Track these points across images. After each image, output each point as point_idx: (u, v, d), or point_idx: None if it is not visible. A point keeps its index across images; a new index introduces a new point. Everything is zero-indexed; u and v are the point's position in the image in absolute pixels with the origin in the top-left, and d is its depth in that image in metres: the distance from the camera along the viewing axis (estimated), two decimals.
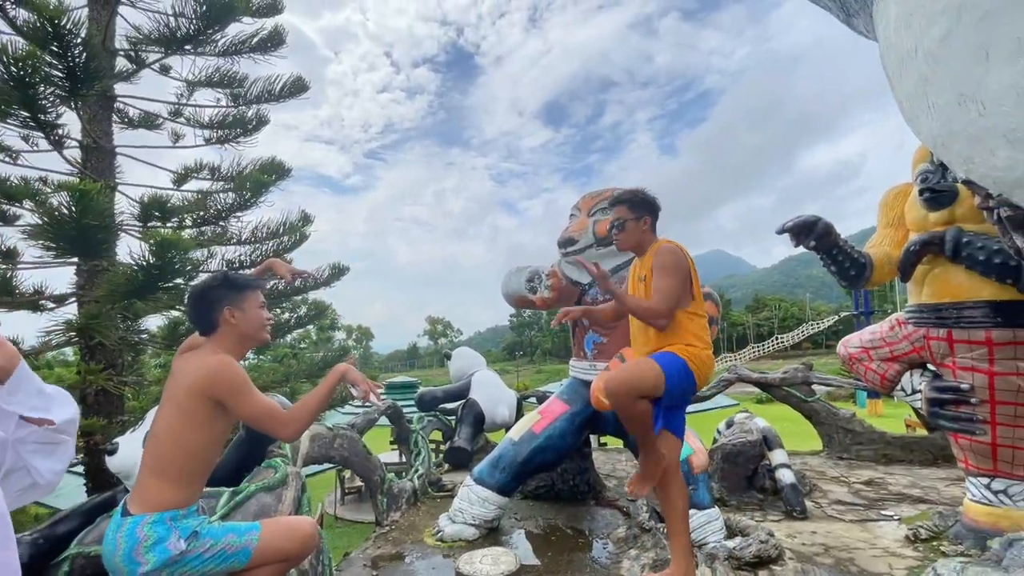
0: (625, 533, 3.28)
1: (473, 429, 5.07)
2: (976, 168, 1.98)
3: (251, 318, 1.76)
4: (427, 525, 3.53)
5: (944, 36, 1.89)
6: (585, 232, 3.64)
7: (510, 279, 4.02)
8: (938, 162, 3.07)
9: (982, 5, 1.73)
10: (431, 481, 4.27)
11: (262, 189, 3.87)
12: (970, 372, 2.94)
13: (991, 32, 1.73)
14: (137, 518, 1.54)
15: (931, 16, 1.93)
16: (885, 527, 3.32)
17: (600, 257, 3.64)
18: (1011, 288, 2.82)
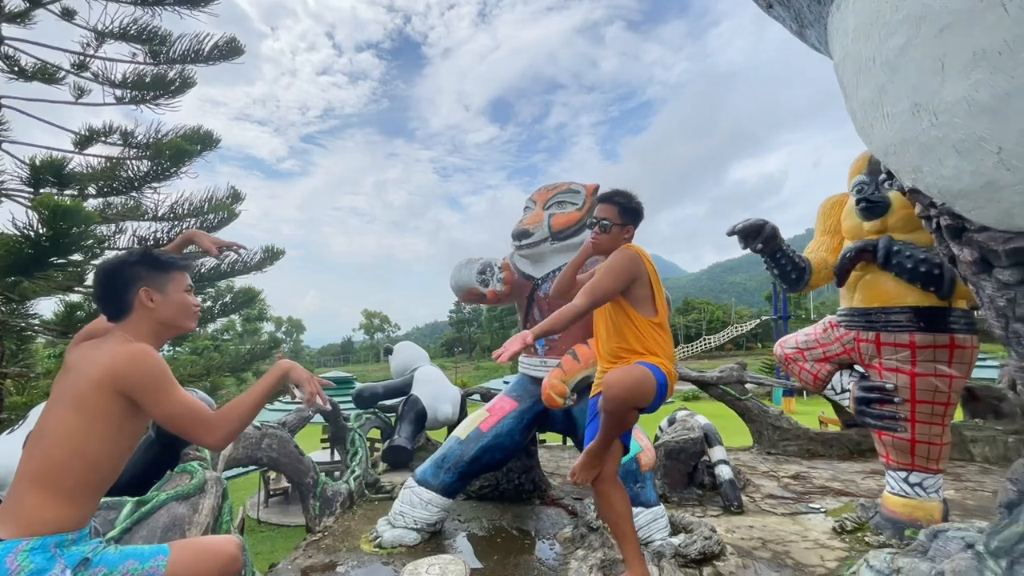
0: (572, 533, 3.22)
1: (414, 427, 4.85)
2: (924, 177, 2.06)
3: (174, 302, 1.51)
4: (364, 531, 3.30)
5: (903, 46, 1.94)
6: (540, 225, 3.54)
7: (460, 271, 3.86)
8: (885, 170, 3.23)
9: (941, 17, 1.78)
10: (368, 483, 4.03)
11: (184, 159, 3.40)
12: (894, 373, 3.13)
13: (948, 44, 1.78)
14: (8, 544, 1.21)
15: (891, 26, 1.98)
16: (813, 519, 3.48)
17: (555, 252, 3.56)
18: (932, 296, 3.02)
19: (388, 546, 3.03)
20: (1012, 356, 2.10)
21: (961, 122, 1.80)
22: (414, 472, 3.38)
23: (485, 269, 3.62)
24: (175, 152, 3.37)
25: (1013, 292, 1.92)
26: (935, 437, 3.06)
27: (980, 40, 1.69)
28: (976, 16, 1.69)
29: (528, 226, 3.54)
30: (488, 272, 3.60)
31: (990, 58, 1.68)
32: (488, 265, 3.63)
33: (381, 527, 3.19)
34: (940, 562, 2.10)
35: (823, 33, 2.77)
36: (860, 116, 2.30)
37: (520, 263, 3.75)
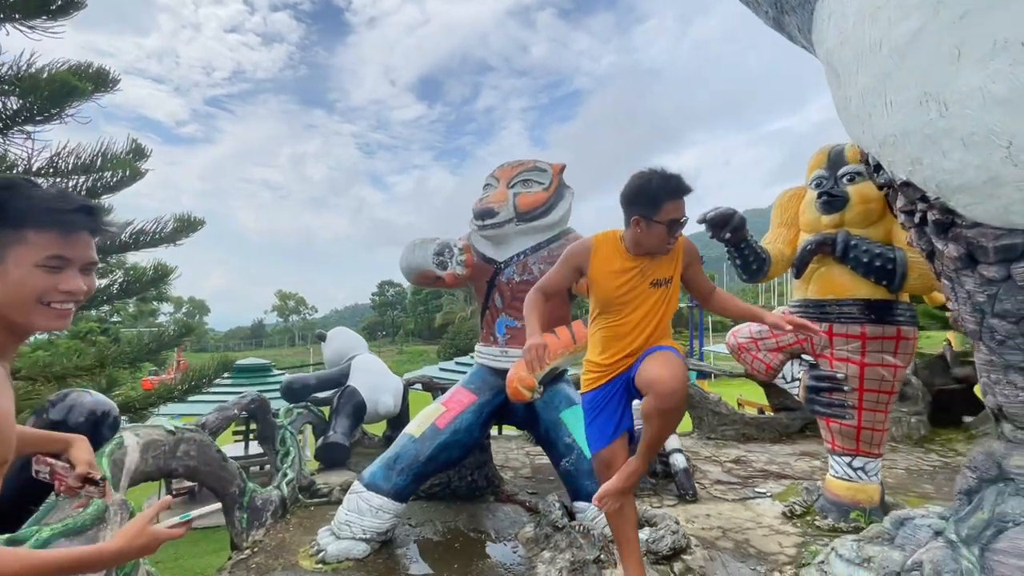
0: (534, 532, 3.04)
1: (352, 421, 4.43)
2: (922, 170, 2.00)
3: (14, 282, 0.98)
4: (302, 543, 2.91)
5: (916, 32, 1.84)
6: (505, 205, 3.27)
7: (413, 252, 3.50)
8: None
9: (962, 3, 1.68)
10: (303, 486, 3.59)
11: (70, 98, 2.67)
12: (845, 363, 3.24)
13: (968, 31, 1.69)
14: None
15: (904, 10, 1.87)
16: (762, 504, 3.58)
17: (521, 233, 3.31)
18: (883, 289, 3.14)
19: (333, 561, 2.68)
20: (980, 350, 2.18)
21: (973, 114, 1.76)
22: (360, 475, 3.03)
23: (443, 250, 3.29)
24: (59, 88, 2.62)
25: (996, 288, 1.95)
26: (879, 424, 3.22)
27: (1003, 29, 1.63)
28: (1001, 3, 1.63)
29: (493, 205, 3.26)
30: (446, 253, 3.28)
31: (1011, 48, 1.62)
32: (446, 246, 3.30)
33: (323, 539, 2.82)
34: (910, 550, 2.15)
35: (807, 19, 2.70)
36: (856, 104, 2.25)
37: (480, 244, 3.46)
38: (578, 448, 3.06)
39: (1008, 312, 1.94)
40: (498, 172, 3.51)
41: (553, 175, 3.44)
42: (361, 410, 4.51)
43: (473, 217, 3.35)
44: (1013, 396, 2.03)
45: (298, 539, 2.98)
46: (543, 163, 3.46)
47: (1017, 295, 1.89)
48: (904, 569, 2.06)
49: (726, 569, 2.66)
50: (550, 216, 3.32)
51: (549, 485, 3.99)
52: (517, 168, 3.44)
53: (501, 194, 3.33)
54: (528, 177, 3.39)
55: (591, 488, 3.00)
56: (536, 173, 3.40)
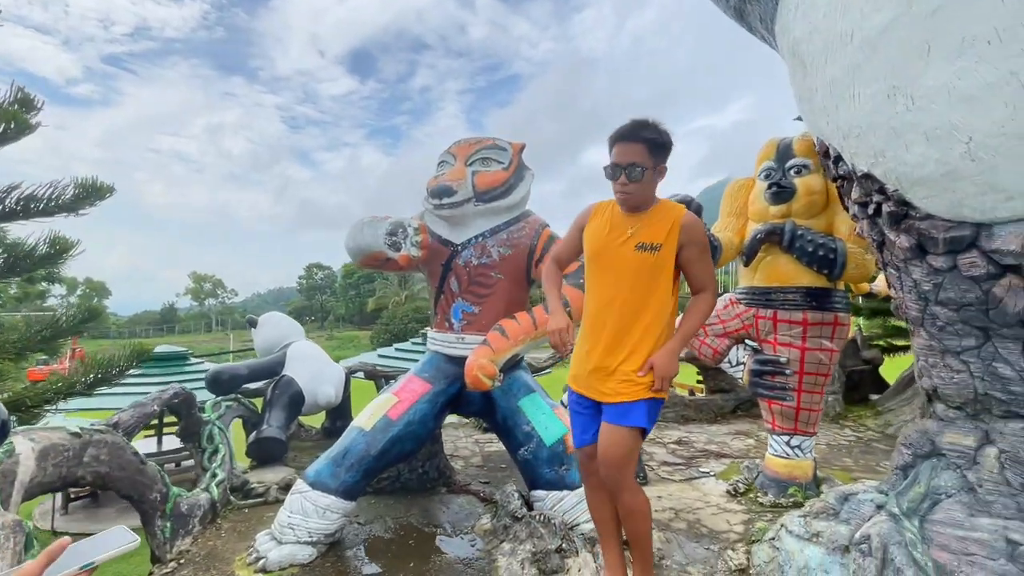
0: (492, 524, 2.96)
1: (288, 413, 4.10)
2: (884, 162, 2.06)
3: None
4: (237, 551, 2.63)
5: (888, 25, 1.86)
6: (464, 183, 3.09)
7: (362, 231, 3.23)
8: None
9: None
10: (234, 486, 3.26)
11: None
12: (787, 348, 3.40)
13: (939, 27, 1.71)
14: None
15: (877, 3, 1.88)
16: (707, 483, 3.72)
17: (478, 214, 3.15)
18: (823, 278, 3.32)
19: (276, 568, 2.44)
20: (920, 335, 2.32)
21: (939, 109, 1.82)
22: (304, 473, 2.78)
23: (396, 230, 3.06)
24: None
25: (941, 278, 2.06)
26: (815, 404, 3.42)
27: (972, 26, 1.68)
28: (972, 1, 1.70)
29: (451, 183, 3.07)
30: (400, 234, 3.05)
31: (978, 46, 1.67)
32: (399, 225, 3.08)
33: (263, 545, 2.56)
34: (856, 524, 2.28)
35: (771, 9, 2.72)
36: (823, 95, 2.29)
37: (435, 225, 3.26)
38: (537, 436, 3.00)
39: (950, 300, 2.06)
40: (455, 148, 3.31)
41: (513, 154, 3.30)
42: (299, 401, 4.19)
43: (429, 195, 3.15)
44: (948, 378, 2.18)
45: (232, 546, 2.69)
46: (502, 141, 3.31)
47: (960, 284, 2.01)
48: (852, 542, 2.17)
49: (682, 550, 2.72)
50: (510, 197, 3.18)
51: (501, 473, 3.92)
52: (475, 145, 3.26)
53: (459, 171, 3.15)
54: (487, 155, 3.22)
55: (550, 476, 2.97)
56: (496, 151, 3.24)
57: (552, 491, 2.92)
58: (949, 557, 1.92)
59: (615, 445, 1.97)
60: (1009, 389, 1.97)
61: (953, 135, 1.80)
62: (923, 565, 1.91)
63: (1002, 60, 1.64)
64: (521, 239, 3.19)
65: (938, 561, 1.93)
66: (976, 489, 2.04)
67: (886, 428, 5.28)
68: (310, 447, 4.50)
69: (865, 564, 2.05)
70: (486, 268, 3.15)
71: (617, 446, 1.96)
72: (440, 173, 3.25)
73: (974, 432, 2.11)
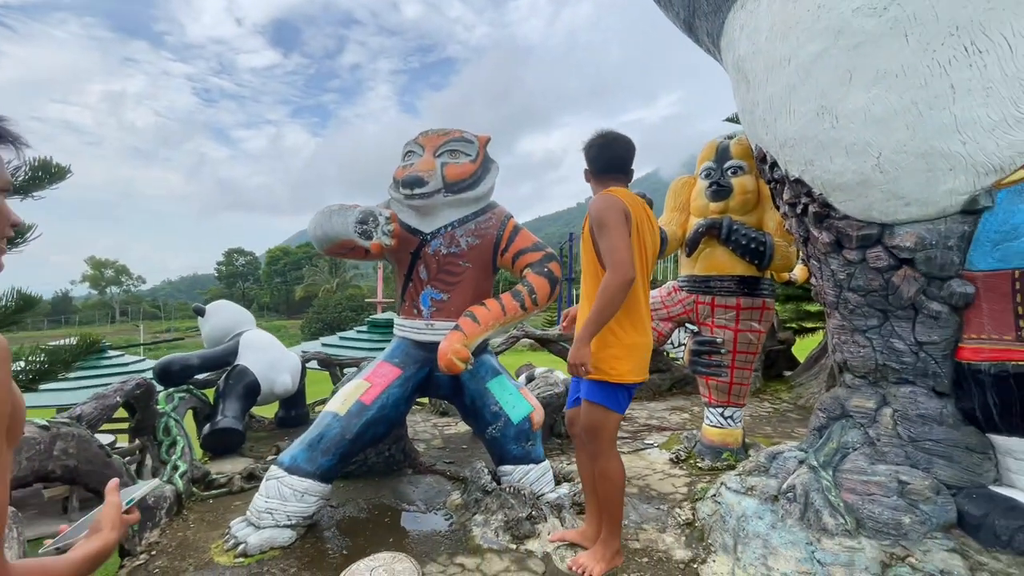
0: (463, 499, 3.13)
1: (243, 403, 4.01)
2: (812, 170, 2.45)
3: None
4: (211, 539, 2.62)
5: (819, 53, 2.23)
6: (434, 174, 3.18)
7: (330, 219, 3.23)
8: (745, 160, 3.77)
9: (857, 35, 2.10)
10: (196, 478, 3.19)
11: None
12: (723, 330, 3.82)
13: (859, 59, 2.11)
14: None
15: (811, 33, 2.25)
16: (653, 453, 4.10)
17: (447, 205, 3.26)
18: (753, 267, 3.75)
19: (256, 552, 2.47)
20: (835, 317, 2.75)
21: (856, 128, 2.19)
22: (279, 460, 2.80)
23: (366, 218, 3.10)
24: None
25: (853, 268, 2.47)
26: (745, 379, 3.88)
27: (884, 61, 2.04)
28: (885, 40, 2.04)
29: (422, 173, 3.14)
30: (371, 222, 3.09)
31: (888, 78, 2.04)
32: (370, 214, 3.11)
33: (240, 531, 2.57)
34: (782, 477, 2.68)
35: (718, 27, 3.04)
36: (763, 109, 2.62)
37: (404, 214, 3.32)
38: (504, 415, 3.19)
39: (860, 287, 2.48)
40: (422, 139, 3.38)
41: (479, 147, 3.42)
42: (254, 391, 4.10)
43: (400, 185, 3.20)
44: (855, 352, 2.61)
45: (204, 535, 2.67)
46: (469, 134, 3.42)
47: (868, 274, 2.42)
48: (780, 492, 2.57)
49: (637, 511, 3.04)
50: (478, 189, 3.31)
51: (463, 454, 4.09)
52: (443, 137, 3.34)
53: (429, 163, 3.23)
54: (455, 148, 3.32)
55: (516, 452, 3.18)
56: (463, 144, 3.35)
57: (519, 465, 3.13)
58: (855, 498, 2.34)
59: (583, 414, 2.28)
60: (902, 360, 2.41)
61: (867, 150, 2.17)
62: (836, 505, 2.32)
63: (906, 91, 2.02)
64: (488, 229, 3.33)
65: (847, 501, 2.35)
66: (875, 443, 2.48)
67: (798, 400, 6.00)
68: (265, 437, 4.42)
69: (791, 508, 2.44)
70: (455, 257, 3.27)
71: (584, 415, 2.26)
72: (408, 163, 3.32)
73: (874, 396, 2.55)
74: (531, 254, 3.31)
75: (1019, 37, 1.84)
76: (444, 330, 3.14)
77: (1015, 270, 2.05)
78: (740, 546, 2.45)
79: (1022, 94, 1.88)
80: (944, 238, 2.15)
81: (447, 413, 5.29)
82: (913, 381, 2.41)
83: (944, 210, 2.13)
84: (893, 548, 2.14)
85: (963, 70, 1.91)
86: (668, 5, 3.42)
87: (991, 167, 1.98)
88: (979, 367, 2.19)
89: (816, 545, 2.25)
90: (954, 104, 1.95)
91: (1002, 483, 2.28)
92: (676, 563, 2.47)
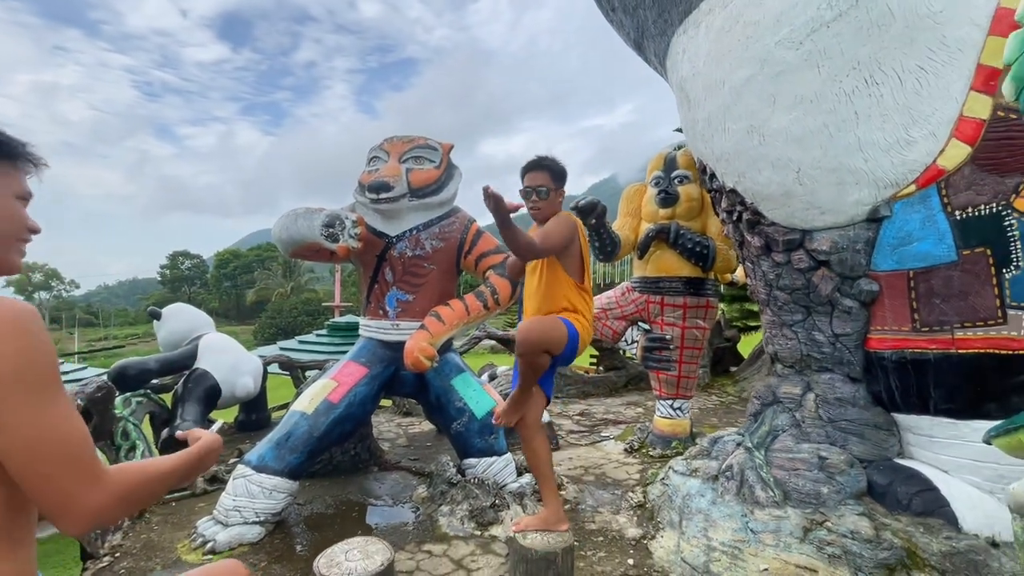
0: (429, 492, 3.25)
1: (203, 407, 3.97)
2: (744, 182, 2.76)
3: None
4: (176, 539, 2.64)
5: (748, 78, 2.54)
6: (399, 179, 3.30)
7: (296, 222, 3.30)
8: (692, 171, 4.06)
9: (779, 64, 2.41)
10: None
11: None
12: (671, 327, 4.11)
13: (780, 86, 2.42)
14: None
15: (740, 61, 2.56)
16: (608, 445, 4.34)
17: (412, 209, 3.39)
18: (698, 269, 4.06)
19: (225, 549, 2.51)
20: (767, 313, 3.06)
21: (780, 145, 2.49)
22: (245, 459, 2.85)
23: (333, 222, 3.19)
24: None
25: (781, 269, 2.77)
26: (692, 373, 4.18)
27: (801, 88, 2.35)
28: (801, 70, 2.34)
29: (388, 179, 3.26)
30: (337, 226, 3.18)
31: (804, 104, 2.35)
32: (336, 218, 3.20)
33: (208, 529, 2.61)
34: (722, 459, 2.95)
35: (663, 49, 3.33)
36: (703, 126, 2.91)
37: (369, 217, 3.43)
38: (468, 411, 3.34)
39: (786, 286, 2.78)
40: (387, 145, 3.50)
41: (443, 154, 3.57)
42: (214, 395, 4.06)
43: (366, 190, 3.31)
44: (784, 344, 2.92)
45: (169, 536, 2.68)
46: (433, 141, 3.56)
47: (792, 274, 2.73)
48: (720, 472, 2.84)
49: (593, 496, 3.25)
50: (442, 194, 3.45)
51: (428, 451, 4.20)
52: (408, 144, 3.47)
53: (394, 168, 3.35)
54: (420, 154, 3.46)
55: (480, 445, 3.34)
56: (427, 151, 3.49)
57: (483, 458, 3.29)
58: (783, 473, 2.62)
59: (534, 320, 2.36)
60: (822, 350, 2.72)
61: (789, 165, 2.47)
62: (767, 481, 2.60)
63: (819, 114, 2.32)
64: (452, 233, 3.48)
65: (776, 477, 2.63)
66: (800, 424, 2.79)
67: (742, 393, 6.43)
68: (226, 441, 4.37)
69: (728, 486, 2.71)
70: (420, 259, 3.40)
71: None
72: (374, 168, 3.42)
73: (800, 383, 2.86)
74: (493, 256, 3.48)
75: (907, 72, 2.17)
76: (410, 330, 3.27)
77: (910, 270, 2.38)
78: (685, 521, 2.69)
79: (911, 121, 2.21)
80: (853, 242, 2.46)
81: (411, 413, 5.38)
82: (831, 369, 2.73)
83: (853, 218, 2.45)
84: (813, 515, 2.43)
85: (864, 99, 2.22)
86: (620, 26, 3.68)
87: (888, 182, 2.31)
88: (883, 355, 2.51)
89: (750, 516, 2.52)
90: (857, 127, 2.26)
91: (903, 456, 2.62)
92: (628, 540, 2.69)
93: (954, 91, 2.16)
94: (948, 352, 2.34)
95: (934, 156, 2.23)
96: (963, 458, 2.39)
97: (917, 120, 2.20)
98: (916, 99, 2.18)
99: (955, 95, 2.16)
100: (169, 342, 4.36)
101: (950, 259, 2.29)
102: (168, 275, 73.38)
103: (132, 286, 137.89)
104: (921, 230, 2.32)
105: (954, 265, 2.29)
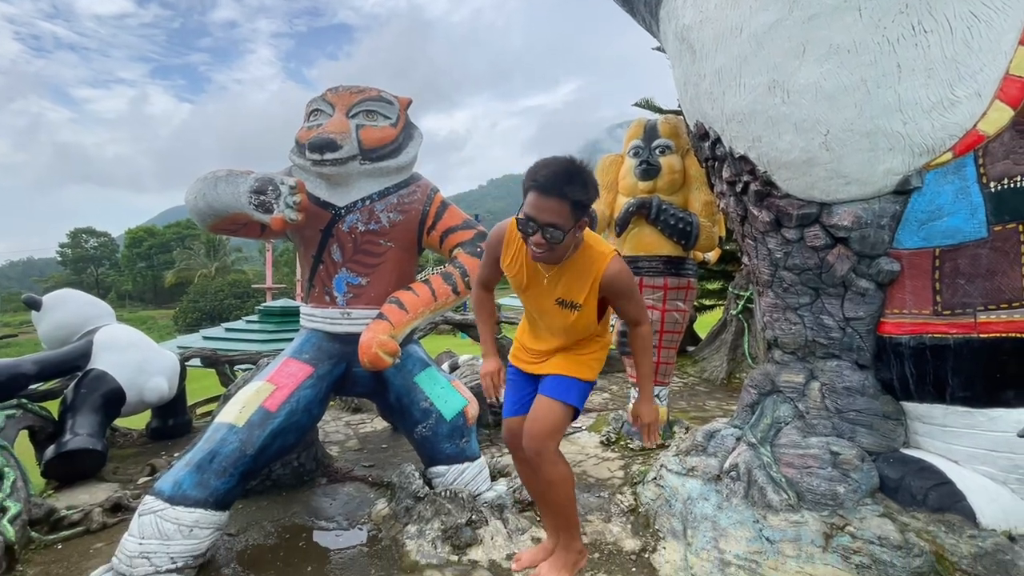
0: (390, 508, 2.79)
1: (102, 416, 3.23)
2: (760, 146, 2.40)
3: None
4: None
5: (773, 24, 2.15)
6: (348, 138, 2.72)
7: (215, 187, 2.66)
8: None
9: (812, 6, 2.03)
10: (34, 519, 2.47)
11: None
12: (651, 310, 3.82)
13: (812, 32, 2.05)
14: None
15: (764, 2, 2.17)
16: (583, 437, 4.04)
17: (366, 174, 2.83)
18: (680, 248, 3.77)
19: None
20: (768, 296, 2.80)
21: (807, 104, 2.15)
22: (156, 488, 2.23)
23: (265, 187, 2.56)
24: None
25: (791, 247, 2.49)
26: (671, 359, 3.94)
27: (837, 35, 2.00)
28: (839, 13, 1.99)
29: (334, 136, 2.66)
30: (270, 192, 2.56)
31: (840, 53, 2.01)
32: (269, 182, 2.57)
33: None
34: (722, 456, 2.69)
35: None
36: (710, 81, 2.53)
37: (311, 184, 2.83)
38: (436, 412, 2.88)
39: (796, 266, 2.51)
40: (331, 96, 2.88)
41: (400, 110, 3.01)
42: (116, 400, 3.31)
43: (306, 148, 2.70)
44: (787, 329, 2.67)
45: None
46: (388, 94, 2.98)
47: (804, 252, 2.46)
48: (723, 471, 2.57)
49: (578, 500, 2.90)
50: (400, 157, 2.90)
51: (385, 455, 3.71)
52: (357, 95, 2.87)
53: (341, 123, 2.75)
54: (373, 108, 2.87)
55: (450, 451, 2.89)
56: (382, 104, 2.91)
57: (453, 464, 2.86)
58: (794, 471, 2.39)
59: (548, 416, 1.99)
60: (830, 336, 2.49)
61: (816, 127, 2.15)
62: (778, 481, 2.35)
63: (856, 67, 2.00)
64: (412, 204, 2.95)
65: (787, 476, 2.39)
66: (805, 416, 2.56)
67: (703, 373, 6.37)
68: (134, 454, 3.64)
69: (735, 487, 2.45)
70: (374, 235, 2.86)
71: (552, 417, 1.99)
72: (315, 123, 2.81)
73: (803, 371, 2.63)
74: (462, 232, 3.00)
75: (959, 19, 1.88)
76: (364, 320, 2.74)
77: (936, 248, 2.16)
78: (690, 530, 2.41)
79: (957, 77, 1.94)
80: (879, 217, 2.21)
81: (361, 409, 4.82)
82: (839, 355, 2.51)
83: (880, 190, 2.18)
84: (832, 518, 2.21)
85: (909, 49, 1.93)
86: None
87: (925, 148, 2.05)
88: (900, 340, 2.30)
89: (763, 523, 2.26)
90: (899, 83, 1.96)
91: (909, 445, 2.45)
92: (627, 554, 2.38)
93: (1004, 44, 1.91)
94: (969, 336, 2.15)
95: (975, 119, 1.99)
96: (977, 448, 2.24)
97: (963, 77, 1.93)
98: (965, 52, 1.91)
99: (1005, 49, 1.91)
100: (54, 337, 3.52)
101: (980, 236, 2.08)
102: (70, 254, 66.24)
103: (26, 267, 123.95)
104: (953, 203, 2.09)
105: (983, 242, 2.08)
